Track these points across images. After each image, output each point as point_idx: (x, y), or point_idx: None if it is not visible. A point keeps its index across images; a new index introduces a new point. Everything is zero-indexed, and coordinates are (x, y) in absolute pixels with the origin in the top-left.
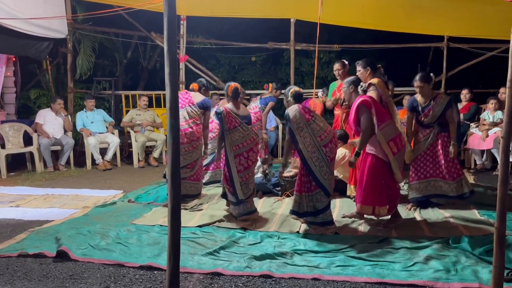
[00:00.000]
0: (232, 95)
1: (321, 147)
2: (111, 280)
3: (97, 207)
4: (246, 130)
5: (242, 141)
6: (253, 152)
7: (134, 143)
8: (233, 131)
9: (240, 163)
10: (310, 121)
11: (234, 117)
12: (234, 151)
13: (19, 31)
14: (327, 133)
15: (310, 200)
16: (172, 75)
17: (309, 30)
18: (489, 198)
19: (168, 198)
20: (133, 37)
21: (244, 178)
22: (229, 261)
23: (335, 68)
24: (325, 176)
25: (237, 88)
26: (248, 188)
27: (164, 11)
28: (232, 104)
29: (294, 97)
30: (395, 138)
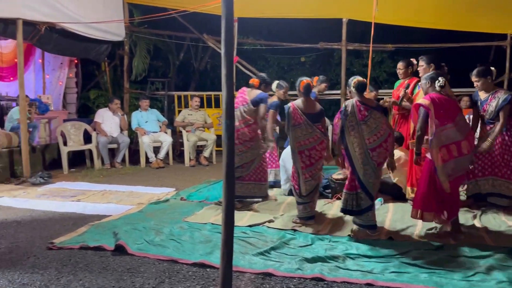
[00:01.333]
0: (304, 91)
1: (368, 150)
2: (166, 275)
3: (151, 204)
4: (310, 128)
5: (305, 138)
6: (316, 151)
7: (185, 143)
8: (297, 127)
9: (302, 160)
10: (363, 121)
11: (299, 114)
12: (298, 147)
13: (82, 34)
14: (378, 136)
15: (354, 198)
16: (228, 77)
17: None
18: None
19: (223, 197)
20: (186, 39)
21: (306, 175)
22: (280, 262)
23: (398, 66)
24: (369, 179)
25: (309, 84)
26: (310, 185)
27: (222, 14)
28: (302, 100)
29: (357, 87)
30: (451, 145)
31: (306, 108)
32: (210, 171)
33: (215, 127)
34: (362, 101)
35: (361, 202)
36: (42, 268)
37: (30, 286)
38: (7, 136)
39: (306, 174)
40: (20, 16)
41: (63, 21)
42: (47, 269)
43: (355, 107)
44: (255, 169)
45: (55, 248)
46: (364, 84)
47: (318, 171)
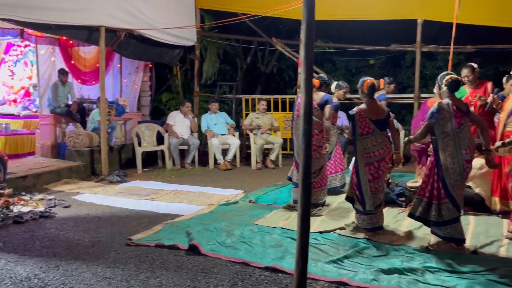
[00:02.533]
0: (368, 92)
1: (462, 162)
2: (239, 278)
3: (221, 205)
4: (380, 138)
5: (374, 149)
6: (385, 162)
7: (252, 145)
8: (365, 137)
9: (370, 172)
10: (459, 129)
11: (368, 122)
12: (365, 158)
13: (157, 40)
14: (472, 146)
15: (436, 208)
16: (308, 81)
17: (435, 31)
18: None
19: (299, 203)
20: (253, 42)
21: (373, 188)
22: (354, 271)
23: (464, 74)
24: (457, 190)
25: (374, 84)
26: (377, 198)
27: (303, 18)
28: (367, 104)
29: (449, 86)
30: None
31: (373, 113)
32: (276, 174)
33: (282, 130)
34: (457, 105)
35: (446, 212)
36: (122, 263)
37: (112, 280)
38: (88, 136)
39: (372, 188)
40: (103, 24)
41: (141, 27)
42: (126, 264)
43: (451, 111)
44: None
45: (132, 244)
46: (459, 82)
47: (384, 183)
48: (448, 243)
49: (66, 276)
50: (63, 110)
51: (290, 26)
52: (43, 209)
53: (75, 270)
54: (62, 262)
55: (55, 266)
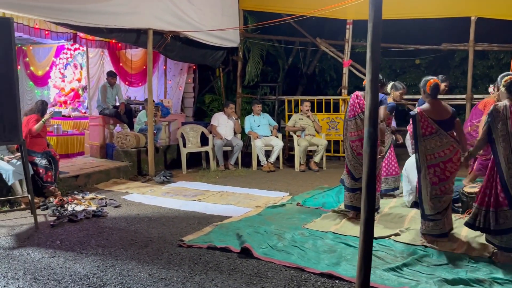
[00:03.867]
0: (432, 92)
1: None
2: (294, 283)
3: (269, 207)
4: (445, 138)
5: (439, 150)
6: (452, 163)
7: (296, 147)
8: (428, 138)
9: (435, 174)
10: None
11: (430, 122)
12: (428, 160)
13: (202, 42)
14: None
15: (492, 216)
16: (374, 83)
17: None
18: None
19: (362, 209)
20: (295, 43)
21: (437, 191)
22: (416, 280)
23: None
24: None
25: (437, 84)
26: (440, 202)
27: (369, 17)
28: (430, 104)
29: (508, 87)
30: None
31: (437, 113)
32: (321, 177)
33: (325, 132)
34: None
35: (504, 220)
36: (176, 264)
37: (168, 281)
38: (136, 137)
39: (436, 191)
40: (151, 26)
41: (187, 29)
42: (180, 265)
43: (508, 112)
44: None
45: (185, 246)
46: None
47: (452, 185)
48: (508, 253)
49: (123, 276)
50: (111, 112)
51: (333, 26)
52: (95, 208)
53: (131, 270)
54: (118, 261)
55: (111, 265)
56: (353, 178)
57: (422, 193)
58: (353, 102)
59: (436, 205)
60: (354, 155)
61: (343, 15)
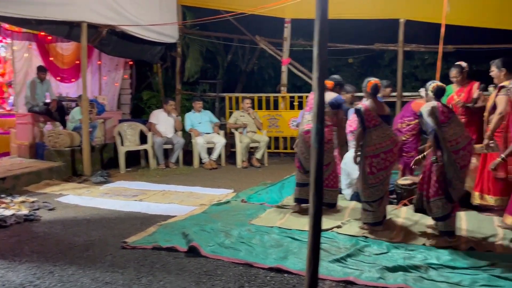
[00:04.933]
0: (372, 92)
1: (450, 153)
2: (244, 279)
3: (213, 205)
4: (387, 130)
5: (381, 141)
6: (392, 153)
7: (238, 144)
8: (372, 129)
9: (372, 164)
10: (444, 124)
11: (374, 116)
12: (369, 152)
13: (139, 36)
14: (460, 139)
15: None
16: (320, 80)
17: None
18: None
19: (310, 204)
20: (233, 40)
21: (374, 180)
22: (360, 270)
23: (452, 74)
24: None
25: (377, 84)
26: (378, 191)
27: (316, 16)
28: (371, 102)
29: (436, 92)
30: None
31: (379, 109)
32: (263, 173)
33: (266, 129)
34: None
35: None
36: (121, 267)
37: (113, 285)
38: (69, 136)
39: (373, 180)
40: (85, 19)
41: (123, 23)
42: (126, 268)
43: (437, 109)
44: (329, 174)
45: (128, 247)
46: (443, 90)
47: (389, 176)
48: (443, 237)
49: (63, 282)
50: (41, 109)
51: (272, 24)
52: (27, 212)
53: (72, 276)
54: (56, 267)
55: (49, 271)
56: (305, 172)
57: (364, 180)
58: (311, 98)
59: (372, 193)
60: (306, 147)
61: (282, 13)
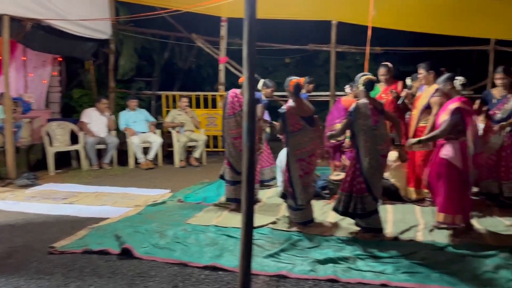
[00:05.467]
0: (294, 91)
1: (379, 157)
2: (178, 279)
3: (149, 206)
4: (310, 133)
5: (306, 145)
6: (315, 157)
7: (175, 143)
8: (296, 134)
9: (300, 168)
10: (375, 126)
11: (297, 119)
12: (296, 155)
13: (67, 32)
14: (388, 143)
15: (360, 202)
16: (251, 79)
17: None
18: None
19: (242, 202)
20: (170, 37)
21: (304, 183)
22: (292, 264)
23: (381, 73)
24: (376, 183)
25: (299, 83)
26: (307, 193)
27: (244, 15)
28: (294, 102)
29: (366, 85)
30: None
31: (302, 110)
32: (202, 172)
33: (204, 127)
34: (374, 104)
35: (366, 206)
36: (47, 273)
37: None
38: None
39: (303, 183)
40: (7, 12)
41: (50, 17)
42: (53, 274)
43: (368, 110)
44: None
45: (56, 252)
46: (373, 82)
47: (313, 179)
48: (370, 233)
49: None
50: None
51: (209, 23)
52: None
53: None
54: None
55: None
56: (236, 172)
57: (294, 184)
58: (232, 100)
59: (306, 195)
60: (237, 151)
61: (218, 12)
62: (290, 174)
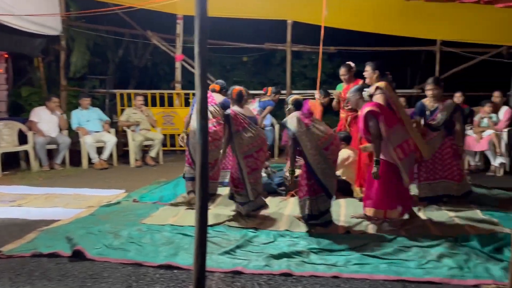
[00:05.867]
0: (237, 98)
1: (322, 150)
2: (132, 279)
3: (103, 206)
4: (256, 131)
5: (252, 141)
6: (263, 152)
7: (131, 142)
8: (242, 132)
9: (248, 164)
10: (310, 126)
11: (242, 119)
12: (244, 152)
13: (15, 27)
14: (327, 136)
15: (315, 203)
16: (202, 77)
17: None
18: (488, 198)
19: (197, 198)
20: (125, 35)
21: (252, 179)
22: (248, 259)
23: (341, 72)
24: (327, 178)
25: (241, 91)
26: (256, 189)
27: (196, 13)
28: (238, 106)
29: (295, 105)
30: (402, 144)
31: (246, 112)
32: (158, 172)
33: (161, 126)
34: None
35: (321, 206)
36: None
37: None
38: None
39: (251, 179)
40: None
41: None
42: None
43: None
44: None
45: (3, 257)
46: (301, 102)
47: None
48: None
49: None
50: None
51: (165, 20)
52: None
53: None
54: None
55: None
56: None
57: (246, 182)
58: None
59: (255, 192)
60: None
61: (173, 9)
62: (242, 172)
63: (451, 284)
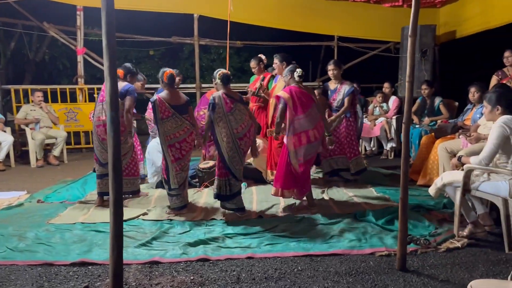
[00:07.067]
0: (168, 81)
1: (236, 140)
2: (43, 279)
3: (3, 209)
4: (179, 121)
5: (175, 131)
6: (187, 143)
7: (30, 141)
8: (165, 121)
9: (173, 153)
10: (230, 112)
11: (167, 107)
12: (168, 140)
13: None
14: (244, 126)
15: (227, 184)
16: (111, 69)
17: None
18: (381, 178)
19: (110, 192)
20: (17, 26)
21: (176, 168)
22: (164, 249)
23: (251, 65)
24: (236, 166)
25: (172, 74)
26: (181, 177)
27: (102, 6)
28: (167, 92)
29: (222, 79)
30: (301, 134)
31: (172, 99)
32: (63, 171)
33: (64, 123)
34: (228, 94)
35: (232, 187)
36: None
37: None
38: None
39: (176, 167)
40: None
41: None
42: None
43: (222, 100)
44: (127, 164)
45: None
46: (228, 76)
47: (188, 163)
48: (234, 214)
49: None
50: None
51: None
52: None
53: None
54: None
55: None
56: (101, 164)
57: (169, 170)
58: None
59: (179, 180)
60: (99, 141)
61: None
62: (166, 159)
63: (351, 254)
